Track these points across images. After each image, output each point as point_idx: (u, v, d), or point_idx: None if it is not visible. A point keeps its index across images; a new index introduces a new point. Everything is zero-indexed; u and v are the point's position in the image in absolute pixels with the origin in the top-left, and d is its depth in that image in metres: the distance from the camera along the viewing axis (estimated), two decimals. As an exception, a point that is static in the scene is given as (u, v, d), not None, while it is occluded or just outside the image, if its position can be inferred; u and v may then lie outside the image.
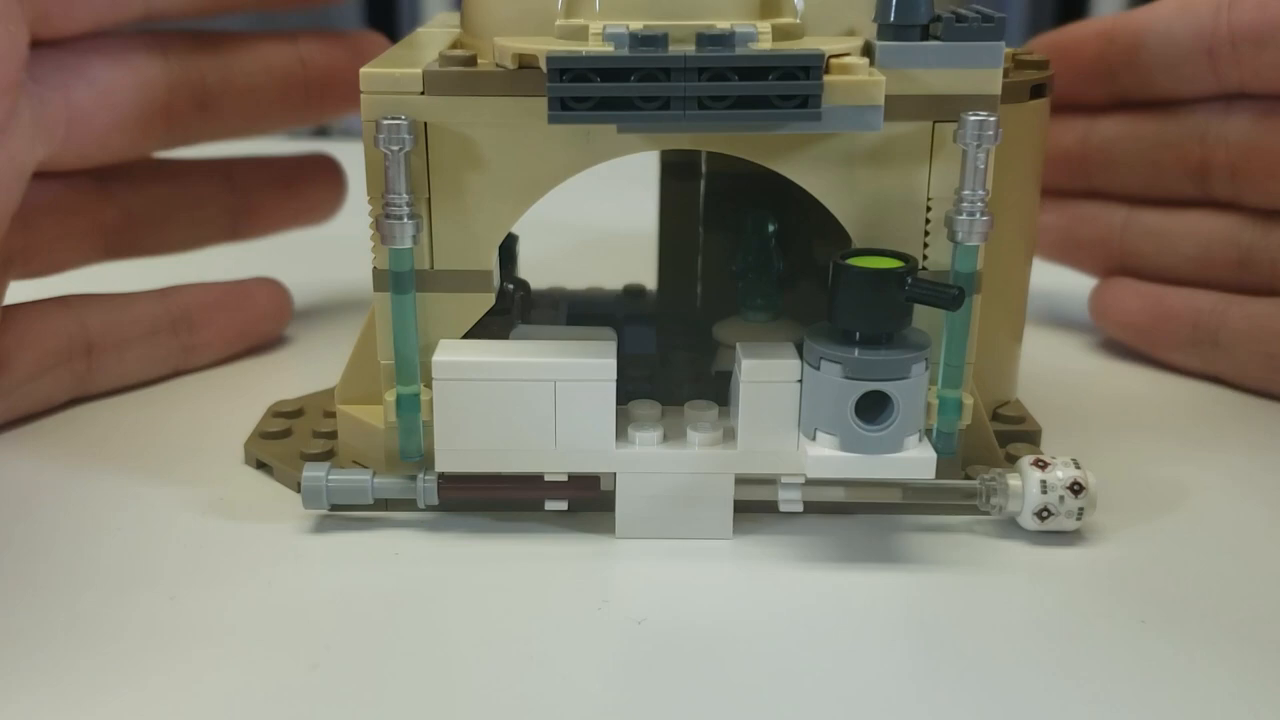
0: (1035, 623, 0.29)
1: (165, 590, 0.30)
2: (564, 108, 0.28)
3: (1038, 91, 0.34)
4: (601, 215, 0.61)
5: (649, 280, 0.46)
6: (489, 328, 0.33)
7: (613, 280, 0.48)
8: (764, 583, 0.30)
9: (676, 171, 0.43)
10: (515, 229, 0.32)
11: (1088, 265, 0.48)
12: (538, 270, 0.45)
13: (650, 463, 0.32)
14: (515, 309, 0.37)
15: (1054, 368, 0.45)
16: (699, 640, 0.28)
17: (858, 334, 0.30)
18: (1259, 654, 0.28)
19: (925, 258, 0.31)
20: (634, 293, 0.47)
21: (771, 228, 0.37)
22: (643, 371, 0.40)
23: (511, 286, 0.37)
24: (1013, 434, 0.36)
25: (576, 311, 0.42)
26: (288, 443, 0.36)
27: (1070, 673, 0.27)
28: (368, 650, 0.27)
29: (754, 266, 0.37)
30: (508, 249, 0.39)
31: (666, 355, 0.41)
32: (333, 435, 0.36)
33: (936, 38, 0.30)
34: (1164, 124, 0.43)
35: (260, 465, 0.36)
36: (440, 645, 0.28)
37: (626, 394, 0.36)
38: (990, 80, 0.30)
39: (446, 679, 0.26)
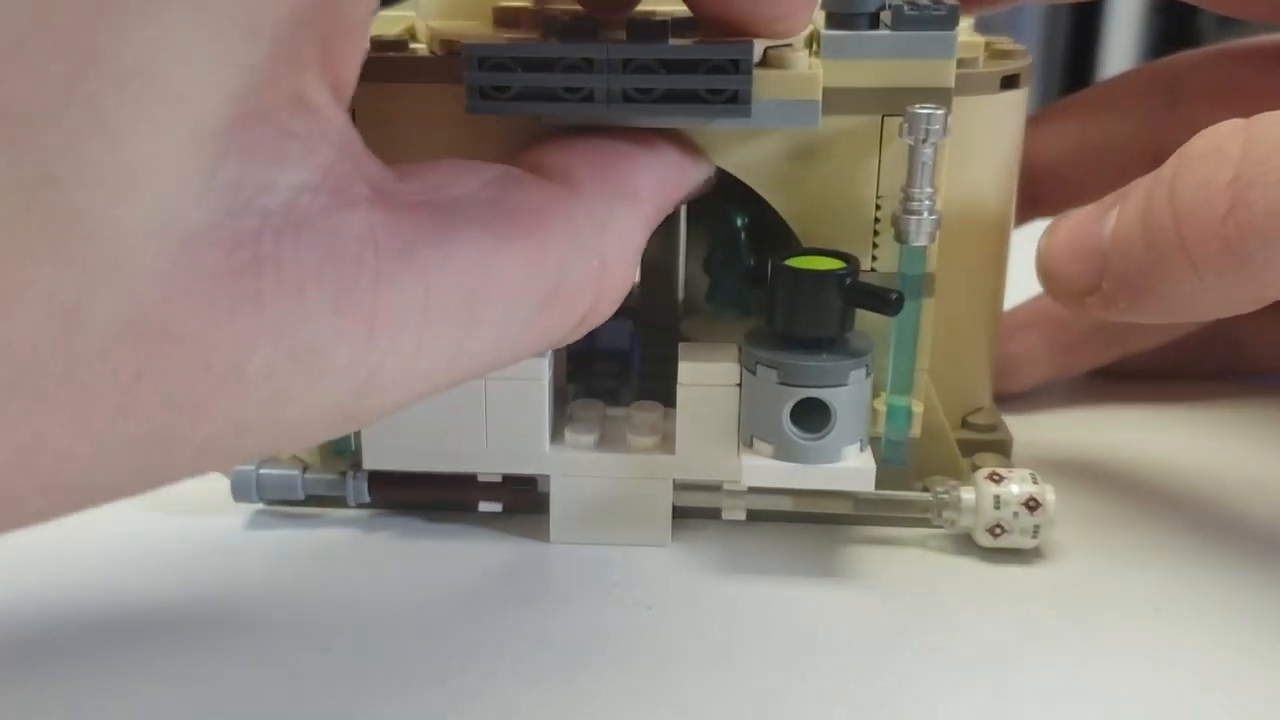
0: (975, 645, 0.27)
1: (69, 582, 0.29)
2: (483, 97, 0.27)
3: (1010, 82, 0.32)
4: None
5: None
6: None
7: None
8: (699, 595, 0.29)
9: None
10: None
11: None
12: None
13: (584, 466, 0.30)
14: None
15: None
16: (622, 652, 0.27)
17: (798, 337, 0.28)
18: (1225, 682, 0.26)
19: (874, 259, 0.30)
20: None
21: (740, 221, 0.36)
22: (612, 367, 0.38)
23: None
24: (981, 444, 0.34)
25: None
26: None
27: (998, 700, 0.25)
28: (253, 645, 0.27)
29: (723, 261, 0.36)
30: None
31: (644, 351, 0.39)
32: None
33: (887, 26, 0.28)
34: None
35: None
36: (345, 651, 0.27)
37: (591, 390, 0.35)
38: (943, 72, 0.28)
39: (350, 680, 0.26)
